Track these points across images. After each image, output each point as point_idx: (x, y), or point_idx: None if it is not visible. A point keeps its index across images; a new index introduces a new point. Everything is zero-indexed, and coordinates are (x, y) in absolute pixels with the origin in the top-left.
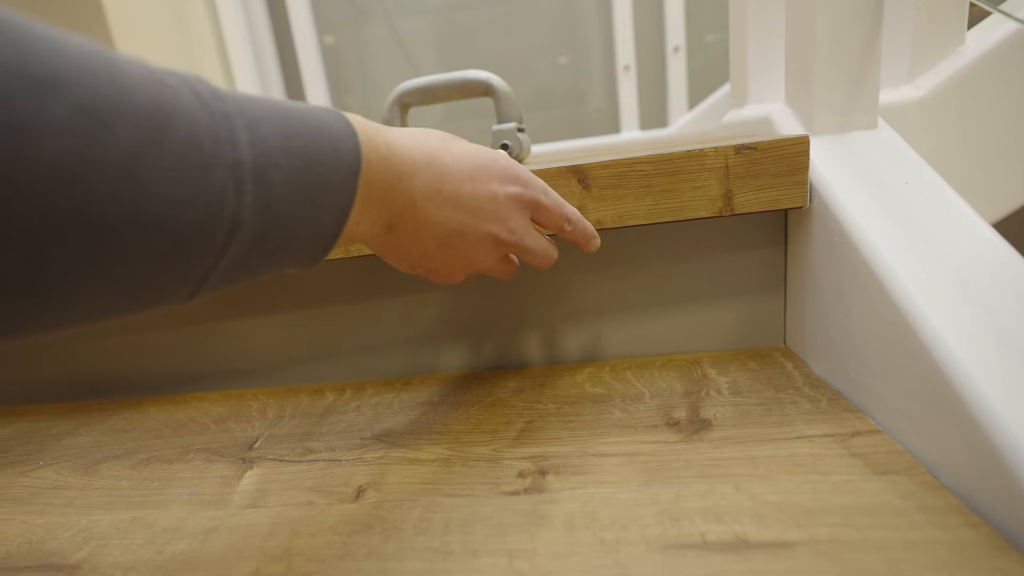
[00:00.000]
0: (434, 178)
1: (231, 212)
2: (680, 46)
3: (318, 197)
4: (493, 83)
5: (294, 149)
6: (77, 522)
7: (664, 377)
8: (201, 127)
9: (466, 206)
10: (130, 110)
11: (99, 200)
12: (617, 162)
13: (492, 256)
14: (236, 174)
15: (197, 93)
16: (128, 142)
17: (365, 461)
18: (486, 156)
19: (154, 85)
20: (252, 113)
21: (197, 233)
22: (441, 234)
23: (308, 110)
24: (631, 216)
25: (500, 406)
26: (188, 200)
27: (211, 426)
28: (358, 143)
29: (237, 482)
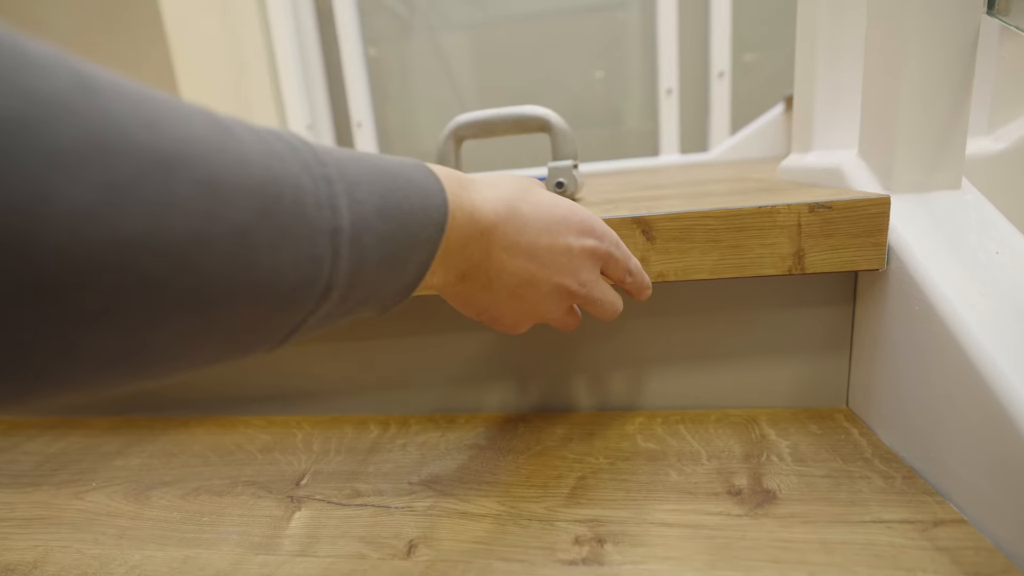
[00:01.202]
0: (513, 230)
1: (327, 276)
2: (725, 71)
3: (405, 255)
4: (551, 120)
5: (388, 210)
6: (130, 556)
7: (720, 435)
8: (306, 195)
9: (541, 258)
10: (247, 184)
11: (209, 278)
12: (684, 215)
13: (559, 307)
14: (335, 240)
15: (301, 158)
16: (242, 217)
17: (415, 511)
18: (565, 208)
19: (264, 155)
20: (351, 175)
21: (293, 297)
22: (513, 284)
23: (400, 166)
24: (695, 270)
25: (549, 456)
26: (289, 268)
27: (257, 456)
28: (446, 200)
29: (286, 524)
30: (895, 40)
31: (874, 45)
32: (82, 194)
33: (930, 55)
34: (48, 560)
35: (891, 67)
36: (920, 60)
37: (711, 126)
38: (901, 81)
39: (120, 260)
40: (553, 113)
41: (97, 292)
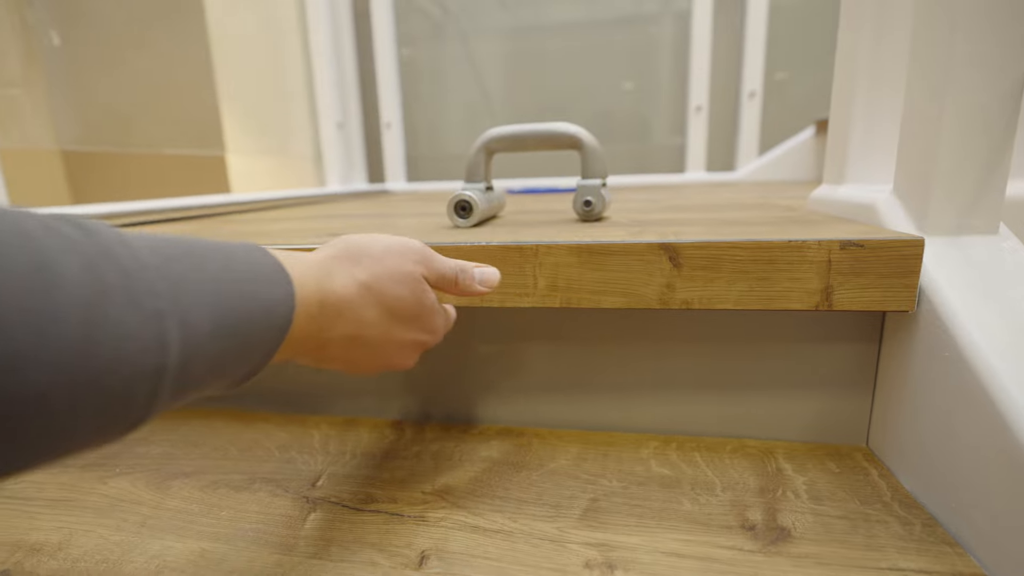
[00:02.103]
0: (352, 329)
1: (143, 404)
2: (756, 91)
3: (238, 362)
4: (582, 138)
5: (224, 328)
6: (150, 545)
7: (735, 466)
8: (129, 343)
9: (373, 348)
10: (51, 355)
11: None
12: (712, 244)
13: (397, 368)
14: (157, 380)
15: (132, 292)
16: (41, 387)
17: (427, 521)
18: (410, 305)
19: (84, 305)
20: (187, 298)
21: (108, 429)
22: (342, 364)
23: (247, 270)
24: (720, 300)
25: (562, 475)
26: (98, 419)
27: (275, 453)
28: (293, 308)
29: (301, 525)
30: (938, 80)
31: (916, 83)
32: None
33: (973, 98)
34: (72, 543)
35: (933, 107)
36: (963, 102)
37: (739, 145)
38: (942, 123)
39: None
40: (585, 131)
41: None
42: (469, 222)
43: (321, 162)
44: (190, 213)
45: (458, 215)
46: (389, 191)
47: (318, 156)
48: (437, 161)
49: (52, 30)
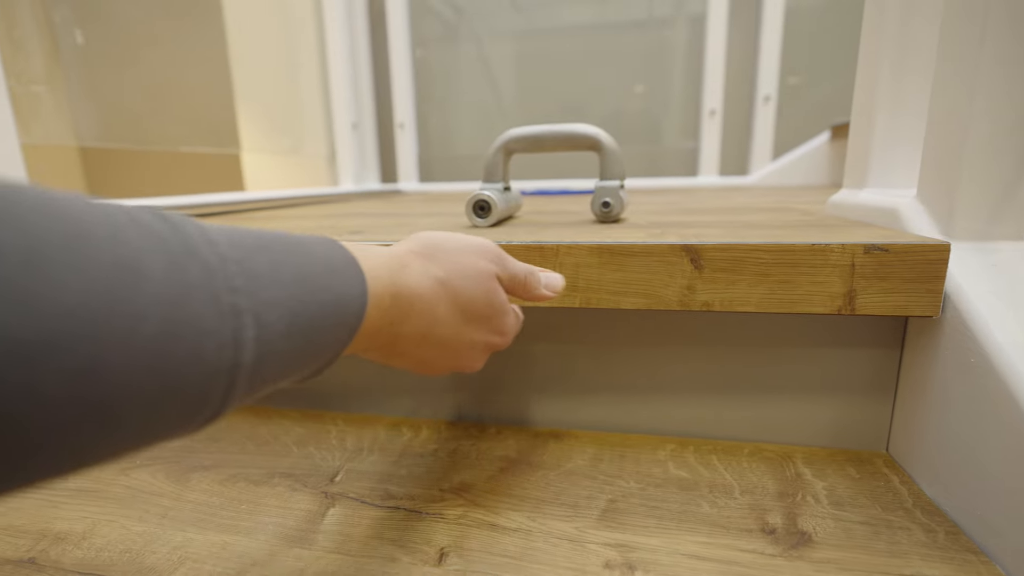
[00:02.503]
0: (424, 325)
1: (218, 401)
2: (771, 95)
3: (310, 358)
4: (601, 139)
5: (298, 327)
6: (172, 537)
7: (754, 469)
8: (207, 339)
9: (444, 347)
10: (134, 357)
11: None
12: (734, 246)
13: (464, 370)
14: (232, 377)
15: (212, 287)
16: (121, 389)
17: (446, 518)
18: (482, 305)
19: (168, 303)
20: (265, 295)
21: (185, 414)
22: (414, 362)
23: (325, 267)
24: (741, 303)
25: (579, 476)
26: (177, 412)
27: (293, 448)
28: (365, 303)
29: (320, 519)
30: (966, 83)
31: (943, 86)
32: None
33: (1002, 101)
34: (96, 532)
35: (960, 110)
36: (991, 105)
37: (753, 150)
38: (969, 126)
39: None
40: (604, 133)
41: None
42: (487, 222)
43: (335, 161)
44: (205, 210)
45: (476, 215)
46: (401, 191)
47: (332, 155)
48: (449, 162)
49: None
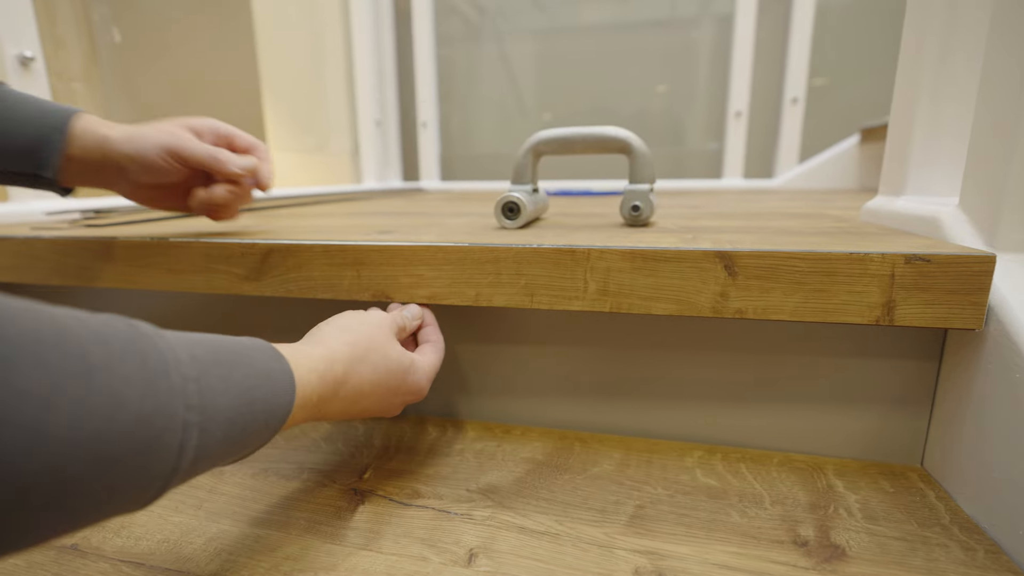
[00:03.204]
0: (348, 403)
1: (152, 495)
2: (799, 97)
3: (235, 455)
4: (632, 142)
5: (233, 434)
6: (208, 528)
7: (784, 480)
8: (159, 450)
9: (367, 412)
10: (105, 456)
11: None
12: (770, 253)
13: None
14: (167, 480)
15: (172, 411)
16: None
17: (474, 519)
18: (399, 378)
19: (138, 429)
20: (213, 410)
21: (120, 506)
22: (338, 419)
23: (265, 379)
24: (776, 311)
25: (606, 480)
26: (125, 493)
27: (322, 444)
28: (291, 409)
29: (351, 517)
30: (1014, 88)
31: (989, 91)
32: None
33: None
34: (134, 522)
35: (1007, 116)
36: None
37: (779, 152)
38: (1018, 132)
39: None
40: (634, 136)
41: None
42: (516, 223)
43: (358, 159)
44: None
45: (505, 216)
46: (423, 189)
47: (355, 153)
48: (469, 161)
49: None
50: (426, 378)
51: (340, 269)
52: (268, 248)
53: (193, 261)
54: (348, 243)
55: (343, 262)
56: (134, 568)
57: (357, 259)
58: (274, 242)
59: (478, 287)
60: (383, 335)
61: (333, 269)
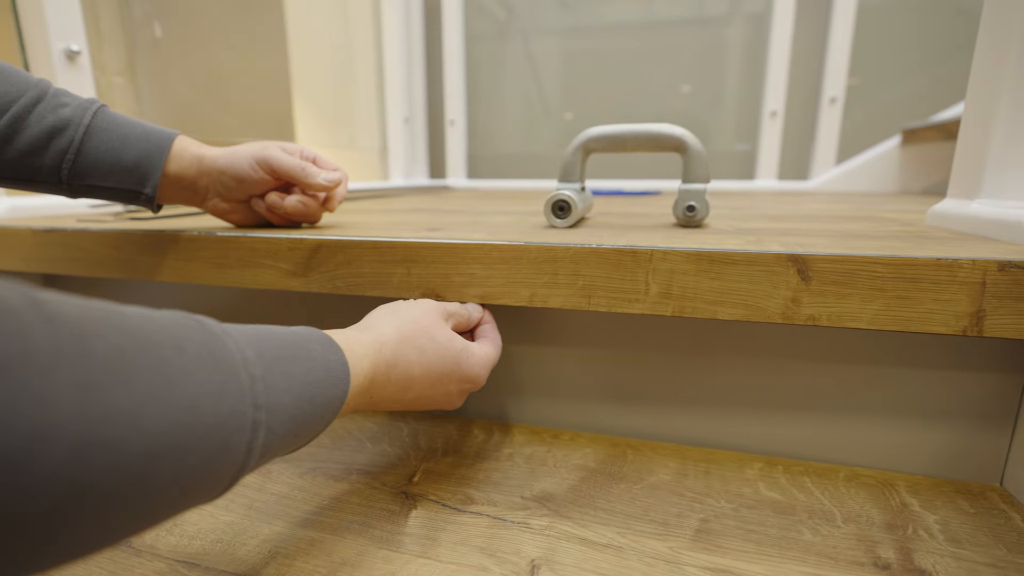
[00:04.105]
0: (400, 389)
1: (221, 490)
2: (838, 97)
3: (294, 447)
4: (687, 141)
5: (294, 428)
6: (260, 529)
7: (853, 496)
8: (228, 453)
9: (422, 401)
10: (186, 460)
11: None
12: (848, 258)
13: (447, 408)
14: (234, 478)
15: (243, 411)
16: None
17: (532, 528)
18: (451, 363)
19: (212, 420)
20: (280, 408)
21: (188, 503)
22: (398, 408)
23: (324, 372)
24: (852, 318)
25: (664, 491)
26: (196, 493)
27: (367, 445)
28: (346, 397)
29: (404, 522)
30: None
31: None
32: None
33: None
34: (186, 519)
35: None
36: None
37: (815, 153)
38: None
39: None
40: (689, 134)
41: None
42: (566, 222)
43: (386, 155)
44: None
45: (555, 215)
46: (450, 187)
47: (383, 150)
48: (494, 159)
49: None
50: (482, 366)
51: (390, 266)
52: (316, 244)
53: (240, 256)
54: (398, 240)
55: (393, 259)
56: (189, 568)
57: (407, 256)
58: (322, 237)
59: (533, 287)
60: (430, 318)
61: (382, 266)
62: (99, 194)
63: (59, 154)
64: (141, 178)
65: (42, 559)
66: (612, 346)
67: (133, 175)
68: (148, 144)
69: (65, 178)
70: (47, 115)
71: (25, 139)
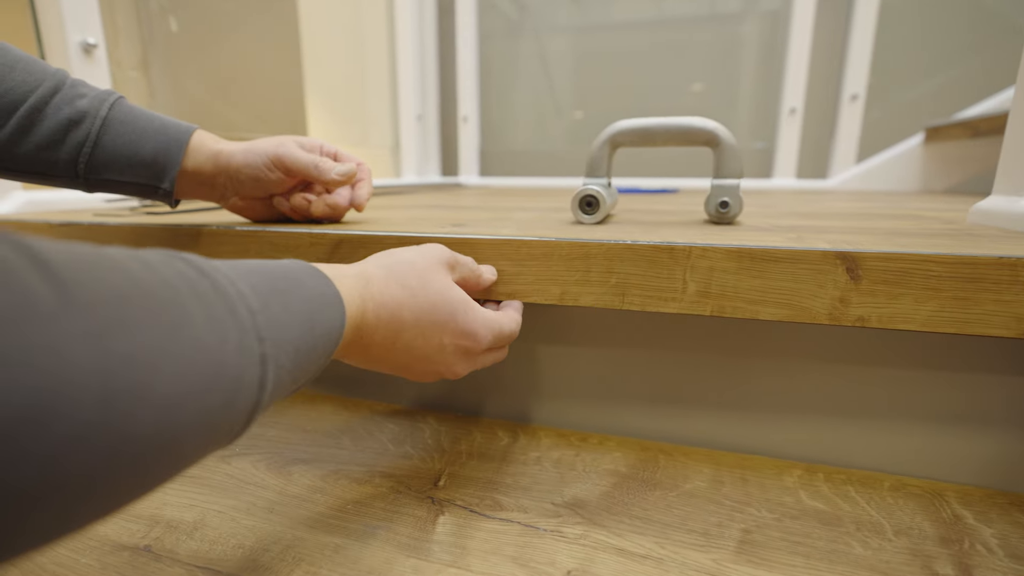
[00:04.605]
0: (391, 333)
1: (236, 432)
2: (860, 94)
3: (298, 384)
4: (720, 134)
5: (299, 362)
6: (283, 534)
7: (902, 507)
8: (242, 388)
9: (413, 353)
10: (187, 401)
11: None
12: (901, 256)
13: (446, 375)
14: (253, 412)
15: (247, 345)
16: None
17: (566, 537)
18: (445, 312)
19: (211, 360)
20: (284, 340)
21: (212, 446)
22: (390, 367)
23: (320, 302)
24: (905, 319)
25: (701, 499)
26: (210, 437)
27: (390, 447)
28: (344, 325)
29: (432, 528)
30: None
31: None
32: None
33: None
34: (206, 523)
35: None
36: None
37: (834, 152)
38: None
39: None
40: (722, 127)
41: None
42: (594, 219)
43: (398, 152)
44: None
45: (583, 211)
46: (462, 184)
47: (395, 147)
48: (504, 157)
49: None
50: (482, 324)
51: None
52: (338, 239)
53: (260, 251)
54: (424, 235)
55: None
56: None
57: None
58: (344, 232)
59: (564, 285)
60: (426, 261)
61: None
62: (116, 188)
63: (76, 147)
64: (159, 172)
65: (81, 517)
66: (641, 346)
67: (151, 169)
68: (166, 137)
69: (82, 172)
70: (64, 107)
71: (42, 131)
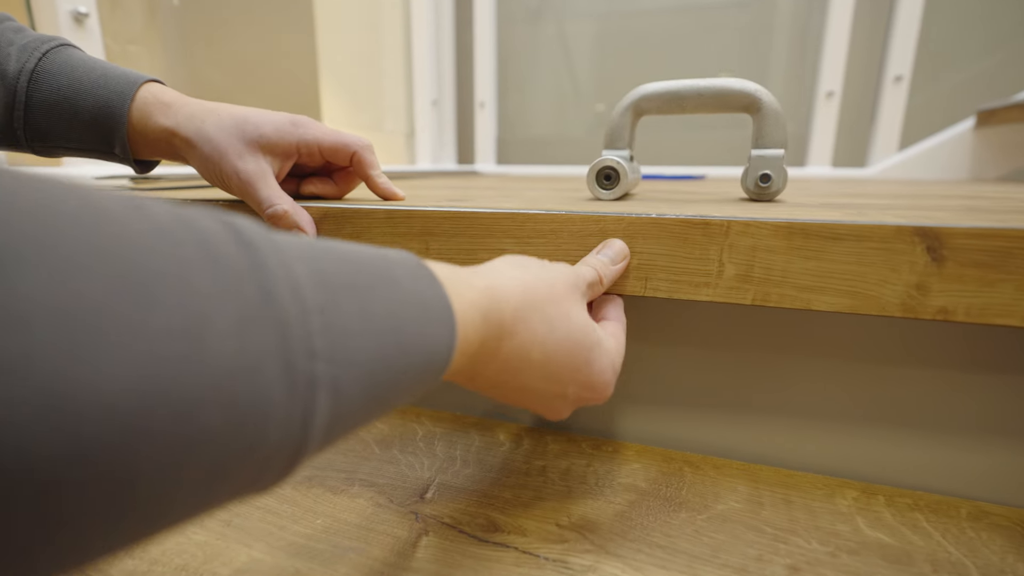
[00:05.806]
0: (509, 370)
1: (272, 479)
2: (904, 76)
3: (376, 417)
4: (761, 97)
5: (375, 393)
6: (237, 554)
7: (986, 540)
8: (270, 418)
9: (525, 394)
10: (183, 434)
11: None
12: (999, 231)
13: (548, 416)
14: (295, 458)
15: (286, 352)
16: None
17: (571, 568)
18: (581, 359)
19: (226, 383)
20: (348, 358)
21: (230, 497)
22: (483, 391)
23: (413, 312)
24: (1002, 312)
25: (736, 524)
26: (233, 487)
27: (375, 449)
28: (452, 355)
29: (412, 551)
30: None
31: None
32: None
33: None
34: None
35: None
36: None
37: (875, 138)
38: None
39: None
40: (764, 90)
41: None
42: (612, 194)
43: (413, 138)
44: None
45: (600, 185)
46: (478, 172)
47: (410, 132)
48: (522, 144)
49: None
50: (611, 367)
51: (405, 240)
52: (322, 212)
53: None
54: (415, 208)
55: (409, 231)
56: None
57: (426, 228)
58: (328, 206)
59: None
60: (566, 288)
61: (397, 239)
62: (72, 155)
63: (6, 109)
64: (105, 135)
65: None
66: (665, 340)
67: (94, 131)
68: (106, 91)
69: (24, 139)
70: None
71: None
